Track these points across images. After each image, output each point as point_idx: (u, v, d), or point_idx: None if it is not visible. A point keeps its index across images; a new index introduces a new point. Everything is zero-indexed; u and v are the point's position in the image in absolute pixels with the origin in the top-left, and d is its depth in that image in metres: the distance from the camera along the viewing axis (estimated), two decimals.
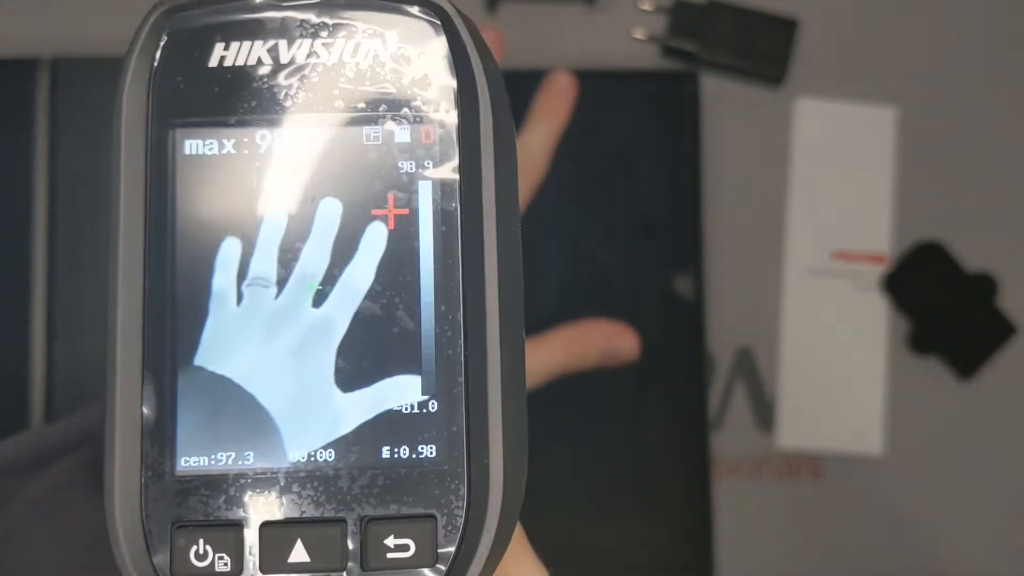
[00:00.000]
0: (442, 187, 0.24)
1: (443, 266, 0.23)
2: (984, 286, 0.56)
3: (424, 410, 0.23)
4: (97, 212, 0.53)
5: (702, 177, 0.56)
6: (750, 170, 0.57)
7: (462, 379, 0.23)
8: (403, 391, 0.23)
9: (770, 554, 0.55)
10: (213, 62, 0.24)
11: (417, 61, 0.24)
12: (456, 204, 0.24)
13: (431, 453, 0.23)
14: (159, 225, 0.23)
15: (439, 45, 0.24)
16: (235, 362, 0.23)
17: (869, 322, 0.56)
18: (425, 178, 0.24)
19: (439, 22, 0.24)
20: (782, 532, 0.55)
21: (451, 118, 0.24)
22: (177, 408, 0.23)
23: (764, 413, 0.56)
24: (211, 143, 0.24)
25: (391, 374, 0.23)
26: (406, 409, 0.23)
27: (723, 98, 0.57)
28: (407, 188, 0.24)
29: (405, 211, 0.24)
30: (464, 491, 0.23)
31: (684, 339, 0.55)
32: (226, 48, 0.24)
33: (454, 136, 0.24)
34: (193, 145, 0.24)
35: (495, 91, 0.24)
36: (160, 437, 0.23)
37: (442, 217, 0.24)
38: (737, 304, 0.56)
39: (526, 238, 0.25)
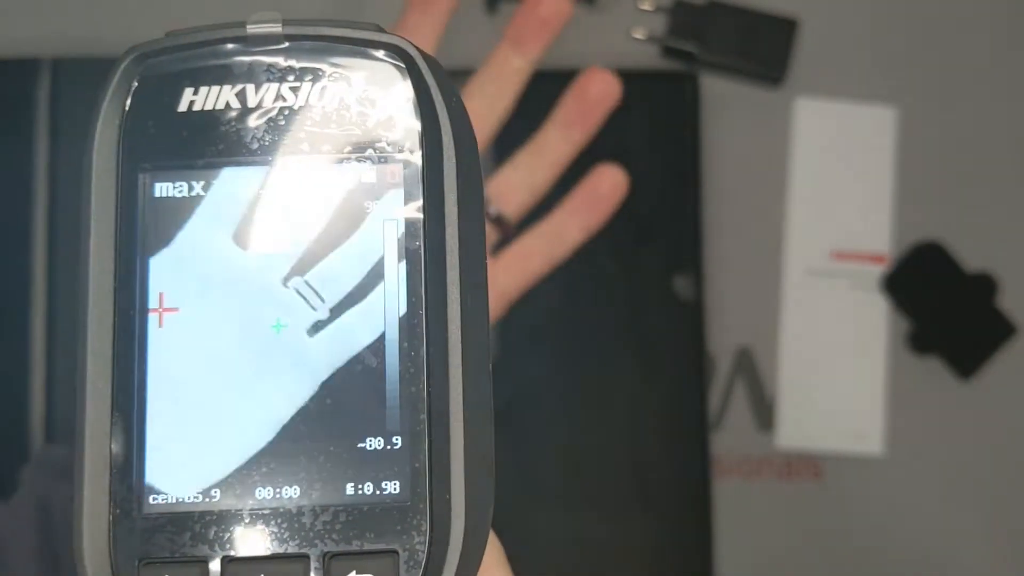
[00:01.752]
0: (407, 226, 0.24)
1: (407, 303, 0.24)
2: (984, 286, 0.56)
3: (388, 447, 0.23)
4: None
5: (702, 177, 0.56)
6: (750, 170, 0.57)
7: (424, 416, 0.23)
8: (365, 427, 0.24)
9: (770, 554, 0.55)
10: (183, 107, 0.25)
11: (382, 103, 0.25)
12: (420, 243, 0.24)
13: (395, 489, 0.23)
14: (128, 266, 0.24)
15: (404, 88, 0.25)
16: (195, 392, 0.24)
17: (869, 322, 0.56)
18: (390, 218, 0.24)
19: (404, 65, 0.25)
20: (782, 532, 0.55)
21: (416, 159, 0.24)
22: (145, 446, 0.23)
23: (764, 413, 0.56)
24: (180, 186, 0.24)
25: (354, 410, 0.24)
26: (370, 446, 0.24)
27: (723, 98, 0.57)
28: (373, 227, 0.24)
29: (372, 248, 0.24)
30: (426, 527, 0.23)
31: (684, 339, 0.55)
32: (195, 93, 0.25)
33: (419, 177, 0.24)
34: (163, 188, 0.25)
35: (459, 131, 0.25)
36: (128, 475, 0.23)
37: (407, 255, 0.24)
38: (737, 304, 0.56)
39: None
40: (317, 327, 0.24)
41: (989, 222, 0.57)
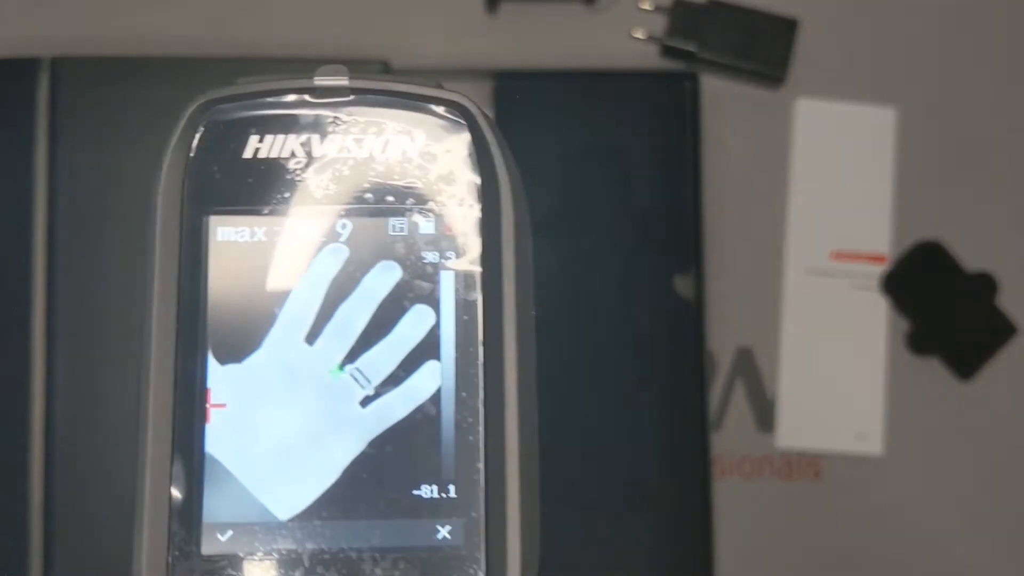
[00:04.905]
0: (464, 278, 0.25)
1: (464, 353, 0.25)
2: (984, 286, 0.56)
3: (444, 495, 0.24)
4: (97, 212, 0.53)
5: (702, 177, 0.56)
6: (750, 170, 0.57)
7: (481, 464, 0.24)
8: (420, 474, 0.24)
9: (770, 554, 0.55)
10: (248, 153, 0.25)
11: (443, 157, 0.25)
12: (477, 294, 0.25)
13: (450, 536, 0.24)
14: (191, 308, 0.24)
15: (464, 142, 0.25)
16: (254, 436, 0.24)
17: (869, 322, 0.56)
18: (448, 268, 0.25)
19: (464, 121, 0.25)
20: (782, 532, 0.55)
21: (474, 212, 0.25)
22: (203, 489, 0.24)
23: (764, 413, 0.56)
24: (243, 230, 0.25)
25: (411, 457, 0.24)
26: (426, 494, 0.24)
27: (723, 98, 0.57)
28: (431, 278, 0.25)
29: (431, 299, 0.25)
30: (482, 575, 0.24)
31: (684, 339, 0.55)
32: (260, 140, 0.25)
33: (477, 229, 0.25)
34: (226, 232, 0.25)
35: (515, 186, 0.25)
36: (187, 517, 0.24)
37: (464, 307, 0.25)
38: (737, 304, 0.56)
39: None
40: (379, 366, 0.25)
41: (989, 222, 0.57)
